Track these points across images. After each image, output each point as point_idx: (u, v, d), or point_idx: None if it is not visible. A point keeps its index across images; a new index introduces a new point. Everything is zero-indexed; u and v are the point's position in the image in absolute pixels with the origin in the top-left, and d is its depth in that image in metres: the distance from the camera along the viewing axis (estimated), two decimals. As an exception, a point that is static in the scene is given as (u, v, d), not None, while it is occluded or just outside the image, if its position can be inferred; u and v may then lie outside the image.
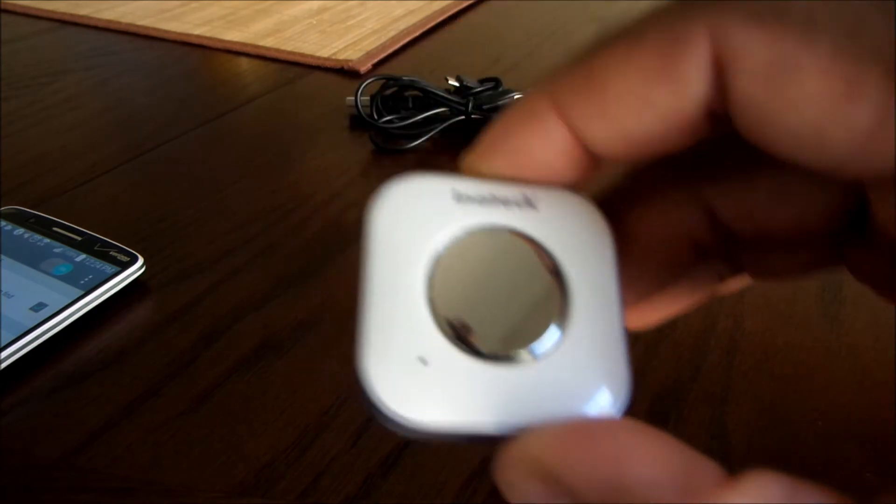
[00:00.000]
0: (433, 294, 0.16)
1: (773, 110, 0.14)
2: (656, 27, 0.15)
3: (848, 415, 0.26)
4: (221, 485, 0.24)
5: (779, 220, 0.18)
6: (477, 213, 0.16)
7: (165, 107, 0.52)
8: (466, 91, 0.49)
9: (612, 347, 0.16)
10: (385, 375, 0.15)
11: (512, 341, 0.15)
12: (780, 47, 0.13)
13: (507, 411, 0.15)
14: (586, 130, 0.16)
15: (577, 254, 0.17)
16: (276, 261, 0.35)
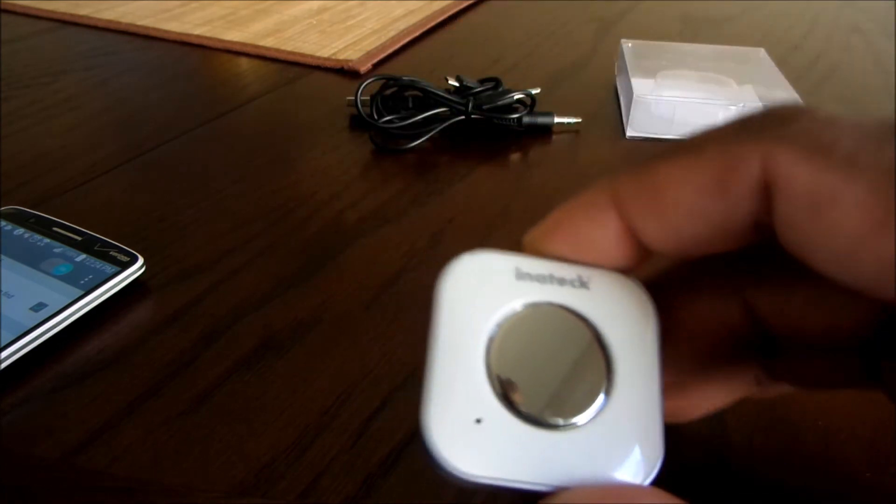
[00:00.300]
0: (491, 362, 0.18)
1: (813, 232, 0.16)
2: (715, 146, 0.17)
3: (848, 415, 0.26)
4: (221, 485, 0.24)
5: (813, 325, 0.19)
6: (535, 291, 0.18)
7: (165, 107, 0.52)
8: (466, 91, 0.49)
9: (649, 421, 0.17)
10: (443, 432, 0.17)
11: (558, 409, 0.17)
12: (823, 179, 0.15)
13: (548, 471, 0.17)
14: (642, 227, 0.18)
15: (622, 332, 0.18)
16: (276, 261, 0.35)
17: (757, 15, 0.72)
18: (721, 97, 0.49)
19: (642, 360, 0.18)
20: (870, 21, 0.70)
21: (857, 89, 0.55)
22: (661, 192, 0.17)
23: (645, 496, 0.16)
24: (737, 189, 0.16)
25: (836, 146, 0.15)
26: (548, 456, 0.17)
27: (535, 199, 0.41)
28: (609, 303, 0.19)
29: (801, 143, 0.16)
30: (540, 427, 0.17)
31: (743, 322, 0.20)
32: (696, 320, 0.20)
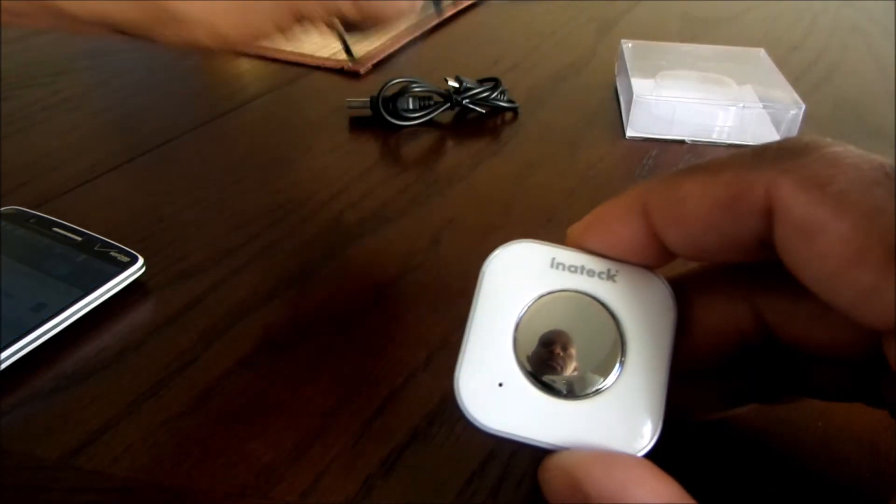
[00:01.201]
0: (517, 336, 0.20)
1: (804, 257, 0.18)
2: (731, 171, 0.19)
3: (848, 415, 0.26)
4: (222, 485, 0.24)
5: (817, 337, 0.21)
6: (566, 279, 0.21)
7: (165, 107, 0.52)
8: (466, 91, 0.49)
9: (651, 402, 0.20)
10: (470, 392, 0.20)
11: (570, 382, 0.20)
12: (815, 212, 0.17)
13: (555, 433, 0.19)
14: (665, 232, 0.20)
15: (639, 322, 0.21)
16: (276, 261, 0.35)
17: (757, 15, 0.72)
18: (721, 97, 0.49)
19: (654, 348, 0.20)
20: (870, 21, 0.70)
21: (857, 89, 0.55)
22: (683, 204, 0.20)
23: (635, 465, 0.18)
24: (745, 210, 0.19)
25: (832, 184, 0.17)
26: (556, 420, 0.19)
27: (535, 199, 0.41)
28: (631, 295, 0.21)
29: (802, 176, 0.18)
30: (553, 395, 0.20)
31: (753, 327, 0.22)
32: (710, 321, 0.22)
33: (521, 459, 0.25)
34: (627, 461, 0.18)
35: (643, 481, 0.18)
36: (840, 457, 0.25)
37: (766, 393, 0.25)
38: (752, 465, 0.25)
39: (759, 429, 0.26)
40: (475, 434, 0.26)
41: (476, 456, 0.26)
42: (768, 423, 0.26)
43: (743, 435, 0.26)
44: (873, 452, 0.25)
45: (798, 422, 0.26)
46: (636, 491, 0.17)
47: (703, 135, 0.48)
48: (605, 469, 0.18)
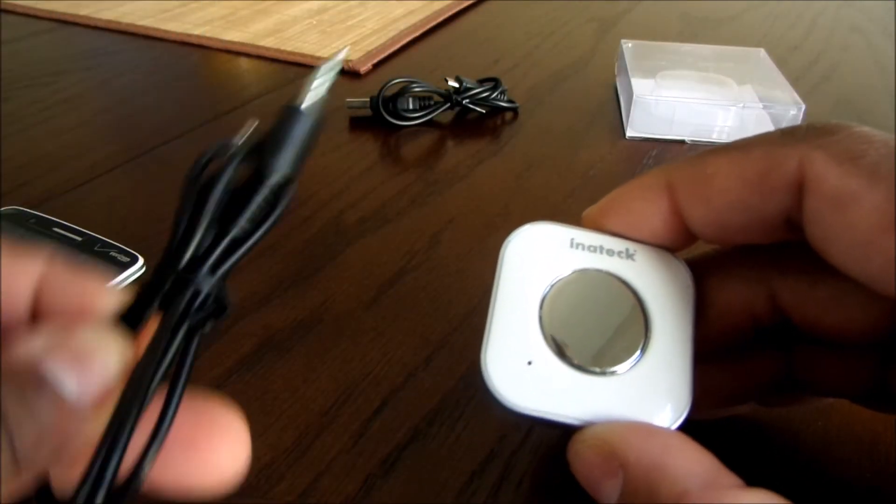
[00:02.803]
0: (543, 315, 0.20)
1: (834, 227, 0.18)
2: (761, 146, 0.20)
3: (848, 415, 0.26)
4: (221, 485, 0.24)
5: (831, 319, 0.21)
6: (585, 258, 0.21)
7: (165, 107, 0.52)
8: (466, 91, 0.49)
9: (680, 375, 0.20)
10: (498, 370, 0.19)
11: (599, 358, 0.20)
12: (849, 182, 0.18)
13: (586, 410, 0.19)
14: (689, 211, 0.20)
15: (660, 297, 0.21)
16: (275, 261, 0.36)
17: (757, 15, 0.72)
18: (721, 97, 0.49)
19: (677, 323, 0.20)
20: (870, 21, 0.70)
21: (857, 89, 0.55)
22: (710, 181, 0.20)
23: (674, 435, 0.18)
24: (775, 184, 0.19)
25: (865, 157, 0.18)
26: (587, 397, 0.19)
27: (535, 199, 0.41)
28: (651, 272, 0.21)
29: (835, 150, 0.18)
30: (582, 372, 0.20)
31: (767, 310, 0.22)
32: (725, 303, 0.22)
33: (521, 459, 0.25)
34: (666, 431, 0.18)
35: (683, 450, 0.17)
36: (840, 457, 0.25)
37: (767, 390, 0.25)
38: (751, 464, 0.25)
39: (759, 428, 0.26)
40: (475, 434, 0.26)
41: (476, 456, 0.26)
42: (768, 422, 0.26)
43: (743, 434, 0.26)
44: (873, 452, 0.25)
45: (798, 422, 0.26)
46: (676, 459, 0.17)
47: (703, 135, 0.48)
48: (644, 437, 0.18)
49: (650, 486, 0.17)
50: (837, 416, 0.26)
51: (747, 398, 0.25)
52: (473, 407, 0.27)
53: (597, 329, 0.20)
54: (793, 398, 0.26)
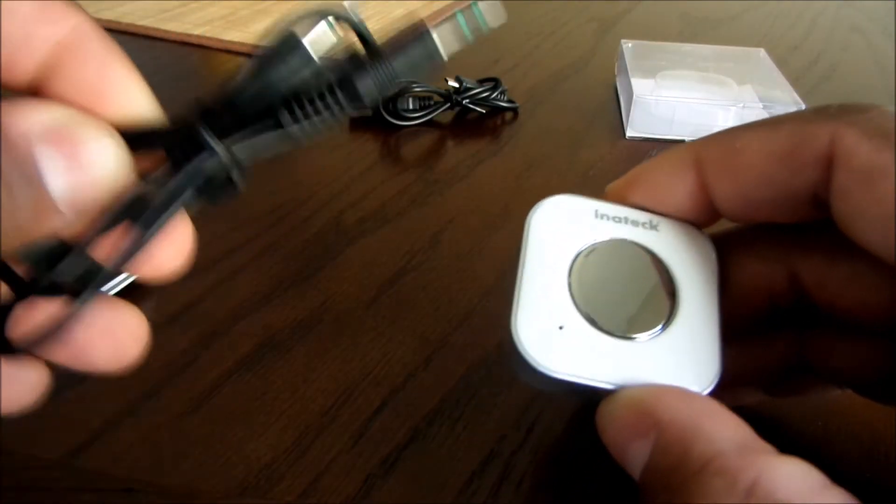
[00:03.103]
0: (572, 282, 0.20)
1: (863, 201, 0.18)
2: (792, 122, 0.20)
3: (848, 415, 0.26)
4: (221, 485, 0.24)
5: (851, 299, 0.21)
6: (611, 229, 0.22)
7: (165, 107, 0.51)
8: (466, 91, 0.49)
9: (709, 340, 0.20)
10: (531, 336, 0.19)
11: (630, 324, 0.20)
12: (880, 157, 0.18)
13: (619, 375, 0.19)
14: (716, 186, 0.21)
15: (686, 265, 0.21)
16: (276, 261, 0.36)
17: (757, 15, 0.72)
18: (721, 97, 0.49)
19: (704, 292, 0.21)
20: (870, 21, 0.70)
21: (857, 89, 0.55)
22: (739, 156, 0.20)
23: (710, 400, 0.18)
24: (804, 159, 0.19)
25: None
26: (619, 362, 0.19)
27: (535, 199, 0.41)
28: (676, 243, 0.21)
29: (867, 126, 0.18)
30: (614, 337, 0.20)
31: (785, 289, 0.22)
32: (745, 280, 0.22)
33: (521, 459, 0.25)
34: (701, 397, 0.18)
35: (719, 414, 0.17)
36: (840, 457, 0.25)
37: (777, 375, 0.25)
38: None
39: (759, 428, 0.26)
40: (475, 434, 0.26)
41: (476, 456, 0.26)
42: (768, 422, 0.26)
43: (743, 435, 0.26)
44: (873, 452, 0.25)
45: (798, 421, 0.26)
46: (712, 422, 0.17)
47: (703, 135, 0.48)
48: (680, 399, 0.18)
49: (684, 447, 0.17)
50: (837, 415, 0.26)
51: (756, 382, 0.25)
52: (473, 407, 0.27)
53: (625, 296, 0.20)
54: (800, 386, 0.25)
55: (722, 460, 0.16)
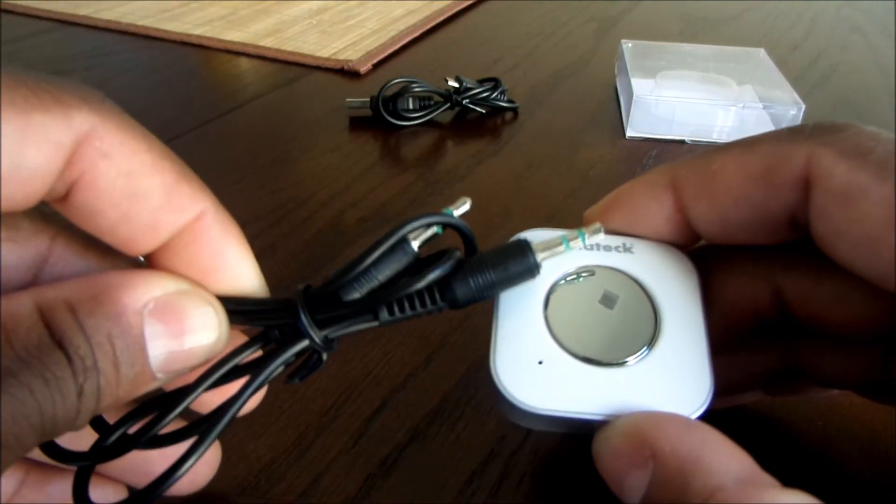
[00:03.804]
0: (548, 315, 0.20)
1: (841, 222, 0.18)
2: (767, 143, 0.20)
3: (848, 415, 0.26)
4: (221, 485, 0.24)
5: (835, 315, 0.21)
6: (583, 257, 0.21)
7: (165, 107, 0.52)
8: (466, 91, 0.49)
9: (697, 361, 0.19)
10: (510, 373, 0.19)
11: (611, 350, 0.19)
12: (857, 177, 0.18)
13: (604, 404, 0.18)
14: (693, 208, 0.20)
15: (666, 285, 0.21)
16: (276, 261, 0.36)
17: (757, 15, 0.72)
18: (721, 97, 0.49)
19: (687, 309, 0.20)
20: (870, 21, 0.70)
21: (857, 89, 0.55)
22: (715, 178, 0.20)
23: (711, 430, 0.17)
24: (781, 180, 0.19)
25: (873, 153, 0.18)
26: (603, 391, 0.19)
27: (535, 199, 0.41)
28: (652, 263, 0.21)
29: (843, 146, 0.18)
30: (596, 366, 0.19)
31: (770, 305, 0.22)
32: (729, 298, 0.22)
33: (521, 459, 0.25)
34: (702, 425, 0.17)
35: (720, 444, 0.17)
36: (840, 457, 0.25)
37: (772, 381, 0.25)
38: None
39: (759, 428, 0.26)
40: (475, 434, 0.26)
41: (476, 456, 0.26)
42: (768, 422, 0.26)
43: (742, 434, 0.26)
44: (873, 452, 0.25)
45: (798, 421, 0.26)
46: (713, 453, 0.16)
47: (703, 135, 0.48)
48: (680, 428, 0.17)
49: (683, 479, 0.16)
50: (837, 415, 0.26)
51: (751, 387, 0.25)
52: (473, 407, 0.27)
53: (605, 323, 0.20)
54: (798, 387, 0.25)
55: (723, 495, 0.15)
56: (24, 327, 0.14)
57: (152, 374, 0.15)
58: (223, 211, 0.18)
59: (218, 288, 0.17)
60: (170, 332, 0.15)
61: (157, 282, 0.16)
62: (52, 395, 0.14)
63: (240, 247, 0.18)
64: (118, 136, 0.15)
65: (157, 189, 0.16)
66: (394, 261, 0.18)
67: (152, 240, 0.17)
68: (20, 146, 0.14)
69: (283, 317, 0.18)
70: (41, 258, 0.17)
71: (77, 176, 0.15)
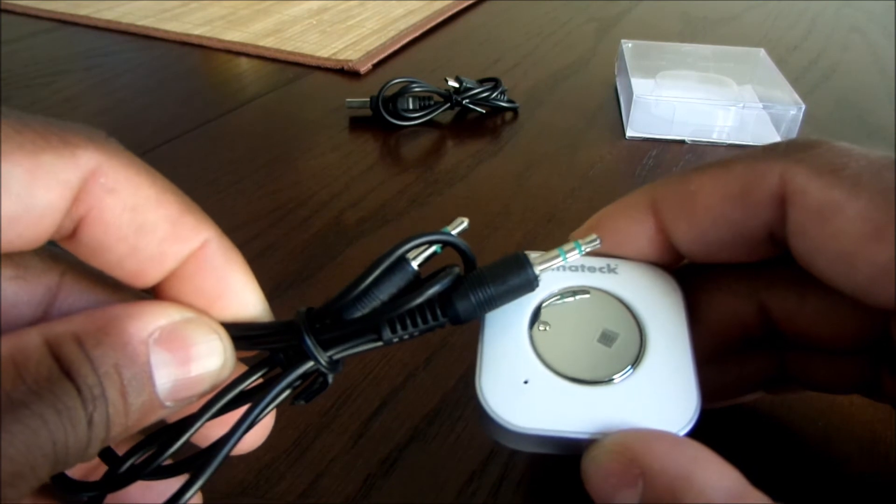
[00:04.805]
0: (533, 334, 0.20)
1: (819, 238, 0.18)
2: (743, 163, 0.20)
3: (848, 414, 0.26)
4: (221, 485, 0.24)
5: (821, 330, 0.21)
6: (567, 278, 0.21)
7: (165, 107, 0.52)
8: (466, 91, 0.49)
9: (683, 377, 0.19)
10: (496, 393, 0.19)
11: (597, 368, 0.19)
12: (831, 193, 0.18)
13: (590, 422, 0.18)
14: (674, 229, 0.21)
15: (650, 303, 0.21)
16: (276, 261, 0.36)
17: (757, 15, 0.72)
18: (721, 97, 0.49)
19: (672, 326, 0.20)
20: (870, 21, 0.70)
21: (857, 89, 0.55)
22: (693, 198, 0.20)
23: (701, 447, 0.17)
24: (757, 198, 0.19)
25: (846, 168, 0.18)
26: (590, 409, 0.19)
27: (535, 199, 0.41)
28: (636, 282, 0.21)
29: (816, 163, 0.18)
30: (582, 384, 0.19)
31: (757, 321, 0.22)
32: (716, 316, 0.22)
33: (521, 459, 0.25)
34: (692, 442, 0.17)
35: (710, 462, 0.17)
36: (840, 457, 0.25)
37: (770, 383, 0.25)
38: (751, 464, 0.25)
39: (759, 428, 0.26)
40: (475, 434, 0.26)
41: (476, 456, 0.26)
42: (768, 422, 0.26)
43: (742, 434, 0.26)
44: (873, 452, 0.25)
45: (798, 421, 0.26)
46: (703, 470, 0.16)
47: (703, 135, 0.48)
48: (670, 446, 0.17)
49: (673, 497, 0.16)
50: (837, 415, 0.26)
51: (746, 392, 0.25)
52: (473, 407, 0.27)
53: (590, 342, 0.20)
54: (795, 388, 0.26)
55: None
56: (33, 360, 0.14)
57: (160, 402, 0.16)
58: (226, 239, 0.18)
59: (223, 315, 0.18)
60: (176, 360, 0.16)
61: (162, 311, 0.16)
62: (63, 425, 0.14)
63: (243, 273, 0.18)
64: (123, 173, 0.16)
65: (163, 221, 0.17)
66: (394, 280, 0.18)
67: (159, 270, 0.17)
68: (31, 188, 0.14)
69: (287, 339, 0.18)
70: (51, 295, 0.17)
71: (84, 212, 0.16)
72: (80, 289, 0.18)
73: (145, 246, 0.16)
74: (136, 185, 0.16)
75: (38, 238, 0.15)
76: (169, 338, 0.16)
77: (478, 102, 0.49)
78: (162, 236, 0.17)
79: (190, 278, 0.17)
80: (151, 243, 0.16)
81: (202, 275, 0.17)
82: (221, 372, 0.17)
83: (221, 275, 0.18)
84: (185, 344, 0.16)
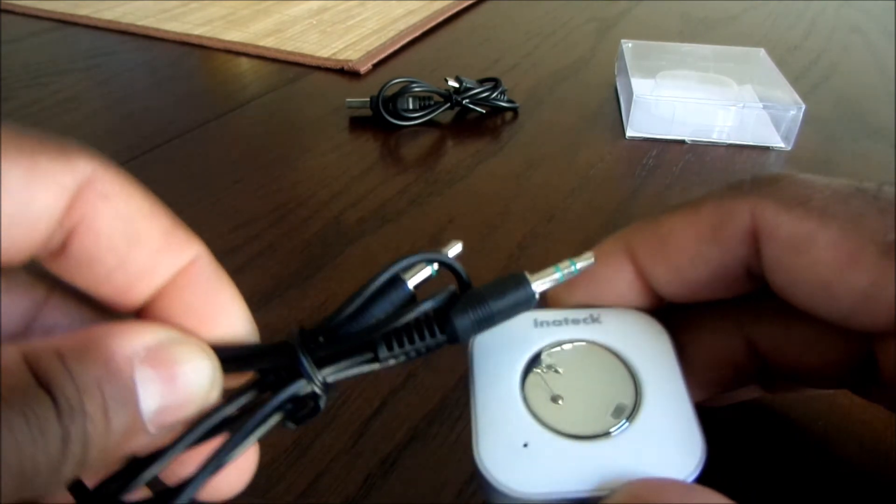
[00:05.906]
0: (526, 395, 0.20)
1: (795, 271, 0.18)
2: (712, 202, 0.20)
3: (848, 415, 0.26)
4: (221, 485, 0.24)
5: (808, 359, 0.21)
6: (553, 333, 0.21)
7: (165, 107, 0.52)
8: (466, 91, 0.49)
9: (684, 422, 0.19)
10: (496, 460, 0.18)
11: (596, 422, 0.19)
12: (802, 226, 0.18)
13: (596, 478, 0.18)
14: (651, 273, 0.21)
15: (639, 349, 0.20)
16: (276, 261, 0.36)
17: (757, 15, 0.72)
18: (721, 97, 0.49)
19: (664, 370, 0.20)
20: (870, 21, 0.70)
21: (857, 89, 0.55)
22: (667, 240, 0.20)
23: (709, 495, 0.17)
24: (729, 235, 0.19)
25: (812, 200, 0.18)
26: (594, 465, 0.18)
27: (535, 199, 0.41)
28: (621, 329, 0.21)
29: (783, 198, 0.19)
30: (583, 440, 0.19)
31: (745, 355, 0.22)
32: (705, 356, 0.22)
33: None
34: (705, 490, 0.17)
35: None
36: (840, 456, 0.25)
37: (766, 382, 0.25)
38: (751, 464, 0.25)
39: (759, 428, 0.26)
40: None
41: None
42: (768, 421, 0.26)
43: (742, 435, 0.26)
44: (873, 452, 0.25)
45: (798, 422, 0.26)
46: None
47: (703, 135, 0.48)
48: (681, 493, 0.17)
49: None
50: (837, 415, 0.26)
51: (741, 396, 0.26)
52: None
53: (585, 396, 0.20)
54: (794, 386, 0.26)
55: None
56: (7, 371, 0.13)
57: (143, 424, 0.15)
58: (213, 258, 0.18)
59: (211, 335, 0.17)
60: (161, 379, 0.15)
61: (149, 330, 0.15)
62: (31, 433, 0.13)
63: (231, 293, 0.18)
64: (117, 182, 0.16)
65: (156, 232, 0.16)
66: (390, 299, 0.18)
67: (148, 285, 0.16)
68: (29, 189, 0.14)
69: (280, 359, 0.17)
70: (35, 309, 0.17)
71: (76, 222, 0.15)
72: (65, 308, 0.17)
73: (136, 257, 0.16)
74: (130, 195, 0.16)
75: (31, 245, 0.15)
76: (156, 357, 0.15)
77: (478, 102, 0.49)
78: (154, 248, 0.16)
79: (178, 295, 0.17)
80: (142, 255, 0.16)
81: (191, 292, 0.17)
82: (210, 395, 0.16)
83: (211, 293, 0.17)
84: (171, 363, 0.15)
